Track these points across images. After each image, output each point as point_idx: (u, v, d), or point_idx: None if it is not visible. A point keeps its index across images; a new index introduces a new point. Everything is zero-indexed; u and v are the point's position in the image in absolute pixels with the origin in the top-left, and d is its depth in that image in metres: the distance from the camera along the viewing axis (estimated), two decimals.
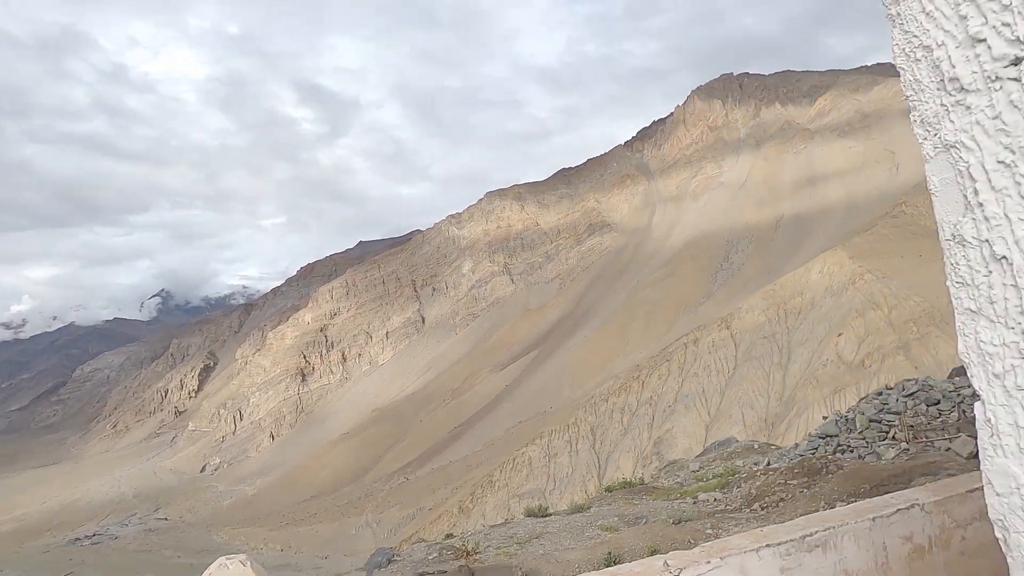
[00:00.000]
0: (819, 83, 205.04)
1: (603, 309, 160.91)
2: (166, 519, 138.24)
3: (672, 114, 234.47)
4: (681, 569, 3.06)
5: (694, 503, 7.17)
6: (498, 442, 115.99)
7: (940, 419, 6.82)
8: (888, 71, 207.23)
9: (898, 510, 3.32)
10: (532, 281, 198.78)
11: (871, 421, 7.43)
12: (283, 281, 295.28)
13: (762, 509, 5.89)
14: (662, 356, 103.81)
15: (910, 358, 69.82)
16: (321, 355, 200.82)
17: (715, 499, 7.09)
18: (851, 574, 3.28)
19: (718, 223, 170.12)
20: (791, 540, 3.29)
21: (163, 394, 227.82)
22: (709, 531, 6.15)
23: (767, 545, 3.23)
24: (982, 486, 3.54)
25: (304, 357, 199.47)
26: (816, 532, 3.30)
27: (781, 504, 5.76)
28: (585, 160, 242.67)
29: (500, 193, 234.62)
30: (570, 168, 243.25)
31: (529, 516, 11.22)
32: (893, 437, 6.94)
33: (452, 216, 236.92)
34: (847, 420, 7.85)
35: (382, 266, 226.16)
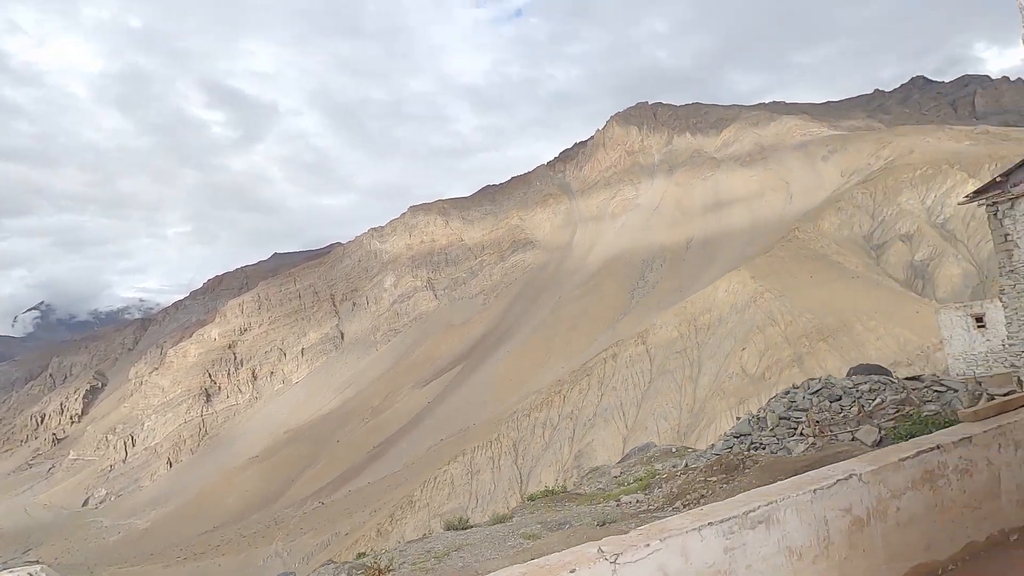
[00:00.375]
0: (724, 116, 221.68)
1: (526, 325, 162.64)
2: (38, 562, 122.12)
3: (592, 137, 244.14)
4: (618, 555, 2.82)
5: (617, 505, 7.15)
6: (419, 461, 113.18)
7: (842, 414, 7.31)
8: (782, 109, 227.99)
9: (837, 481, 3.32)
10: (456, 297, 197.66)
11: (781, 419, 7.84)
12: (187, 294, 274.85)
13: (684, 507, 5.95)
14: (583, 371, 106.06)
15: (803, 370, 75.94)
16: (228, 373, 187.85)
17: (638, 500, 7.12)
18: (795, 551, 3.24)
19: (635, 243, 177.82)
20: (734, 517, 3.20)
21: (39, 419, 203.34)
22: None
23: (709, 524, 3.12)
24: (912, 454, 3.62)
25: (209, 376, 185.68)
26: (758, 507, 3.26)
27: (702, 500, 5.86)
28: (510, 178, 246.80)
29: (424, 208, 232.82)
30: (495, 185, 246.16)
31: (449, 529, 10.75)
32: (801, 433, 7.33)
33: (375, 229, 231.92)
34: (759, 419, 8.22)
35: (299, 279, 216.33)
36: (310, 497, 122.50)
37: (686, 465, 8.22)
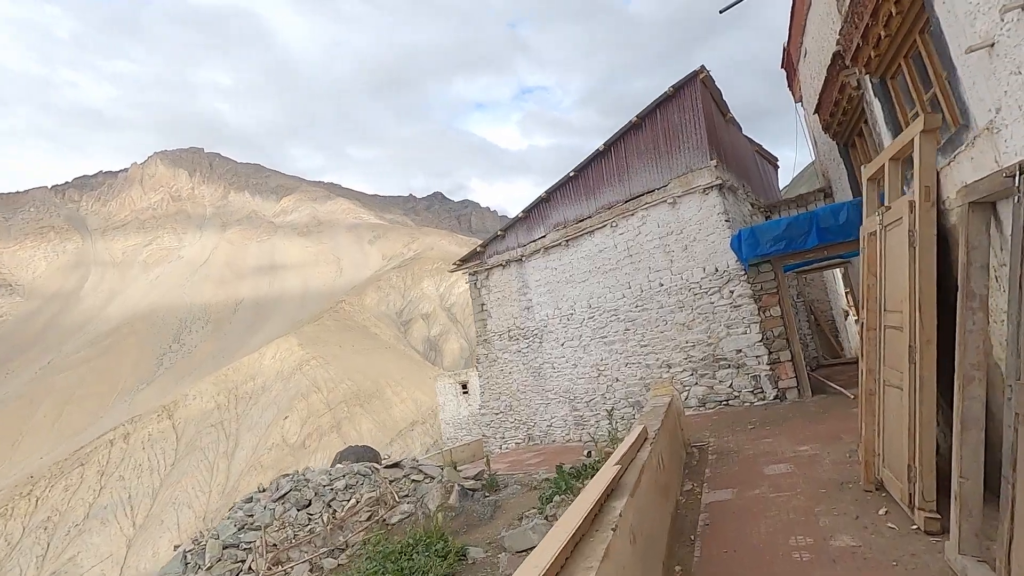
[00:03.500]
0: (285, 184, 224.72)
1: None
2: None
3: (127, 170, 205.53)
4: None
5: None
6: None
7: (309, 526, 6.14)
8: (338, 191, 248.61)
9: None
10: None
11: (226, 547, 6.04)
12: None
13: None
14: (74, 460, 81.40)
15: (341, 435, 79.69)
16: None
17: None
18: None
19: (172, 299, 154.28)
20: None
21: None
22: None
23: None
24: None
25: None
26: None
27: None
28: None
29: None
30: None
31: None
32: (250, 568, 5.75)
33: None
34: (200, 547, 6.23)
35: None
36: None
37: None
